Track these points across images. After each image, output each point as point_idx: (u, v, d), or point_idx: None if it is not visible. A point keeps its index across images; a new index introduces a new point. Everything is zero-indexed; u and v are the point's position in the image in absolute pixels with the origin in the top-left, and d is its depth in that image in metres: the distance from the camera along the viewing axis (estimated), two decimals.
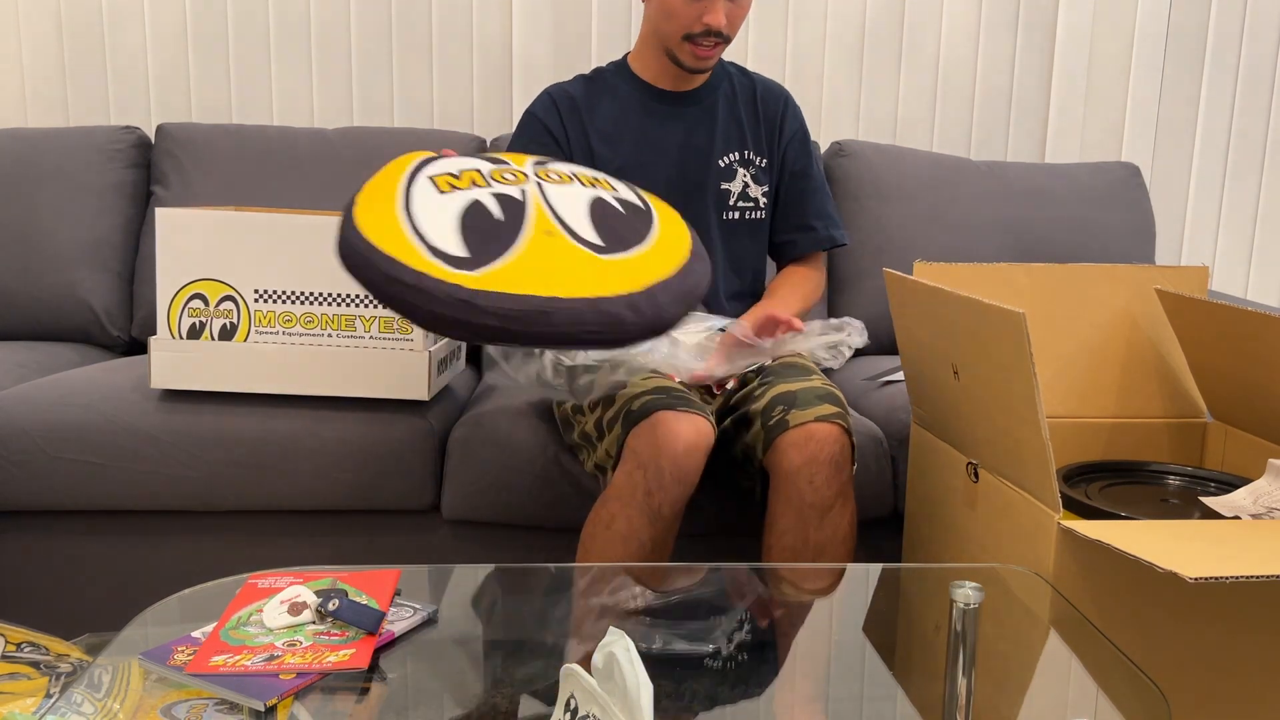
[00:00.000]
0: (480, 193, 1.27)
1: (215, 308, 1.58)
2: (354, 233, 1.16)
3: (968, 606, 1.03)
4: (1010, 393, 1.19)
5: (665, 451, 1.32)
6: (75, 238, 2.12)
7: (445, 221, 1.21)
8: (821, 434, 1.36)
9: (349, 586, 1.02)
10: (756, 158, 1.68)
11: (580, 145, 1.63)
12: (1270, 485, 1.26)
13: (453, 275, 1.11)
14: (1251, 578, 0.90)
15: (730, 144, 1.67)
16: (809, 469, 1.36)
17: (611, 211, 1.31)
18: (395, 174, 1.31)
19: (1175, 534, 1.05)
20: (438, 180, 1.28)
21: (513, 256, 1.20)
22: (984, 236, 2.20)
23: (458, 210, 1.23)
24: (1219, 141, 2.52)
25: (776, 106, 1.70)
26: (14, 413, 1.60)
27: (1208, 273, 1.53)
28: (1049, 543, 1.13)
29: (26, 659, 1.33)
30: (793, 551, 1.37)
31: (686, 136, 1.65)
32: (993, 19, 2.46)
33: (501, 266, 1.17)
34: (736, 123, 1.68)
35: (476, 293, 1.09)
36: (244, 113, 2.41)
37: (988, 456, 1.31)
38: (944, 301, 1.32)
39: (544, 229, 1.26)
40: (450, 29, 2.40)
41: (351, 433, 1.61)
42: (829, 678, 1.00)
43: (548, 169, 1.35)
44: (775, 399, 1.42)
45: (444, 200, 1.24)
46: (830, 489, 1.36)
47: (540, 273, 1.16)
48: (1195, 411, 1.57)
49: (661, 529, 1.34)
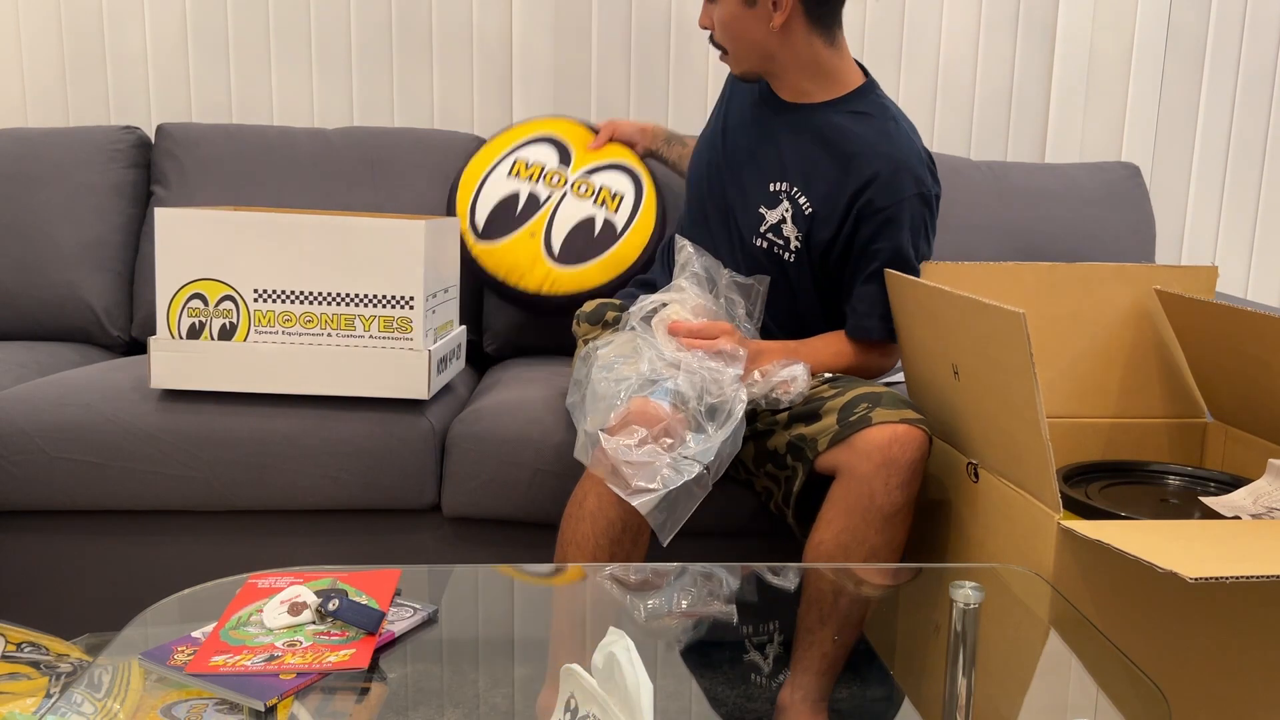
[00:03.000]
0: (523, 185, 2.03)
1: (215, 308, 1.58)
2: None
3: (968, 606, 1.03)
4: (1010, 392, 1.19)
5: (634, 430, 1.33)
6: (75, 238, 2.12)
7: (493, 196, 2.04)
8: (905, 436, 1.34)
9: (349, 586, 1.02)
10: (807, 207, 1.56)
11: (718, 124, 1.70)
12: (1270, 485, 1.26)
13: (467, 236, 2.03)
14: (1251, 578, 0.90)
15: (788, 174, 1.58)
16: (886, 470, 1.33)
17: (587, 230, 1.99)
18: (508, 142, 2.10)
19: (1175, 534, 1.05)
20: (518, 164, 2.05)
21: (502, 242, 2.02)
22: (984, 236, 2.20)
23: (501, 194, 2.03)
24: (1219, 141, 2.52)
25: (860, 175, 1.53)
26: (14, 413, 1.60)
27: (1216, 273, 1.53)
28: (1049, 543, 1.13)
29: (26, 659, 1.33)
30: (844, 551, 1.35)
31: (762, 146, 1.63)
32: (993, 19, 2.46)
33: (490, 246, 2.02)
34: (809, 160, 1.57)
35: (472, 257, 2.02)
36: (244, 113, 2.41)
37: (988, 456, 1.31)
38: (944, 301, 1.31)
39: (531, 230, 2.01)
40: (450, 29, 2.40)
41: (351, 432, 1.61)
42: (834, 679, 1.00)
43: (582, 181, 2.04)
44: (859, 397, 1.40)
45: (506, 183, 2.04)
46: (903, 494, 1.34)
47: (511, 262, 2.01)
48: (1196, 412, 1.57)
49: (631, 509, 1.32)
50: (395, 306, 1.58)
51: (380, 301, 1.58)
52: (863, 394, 1.40)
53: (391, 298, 1.58)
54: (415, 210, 2.18)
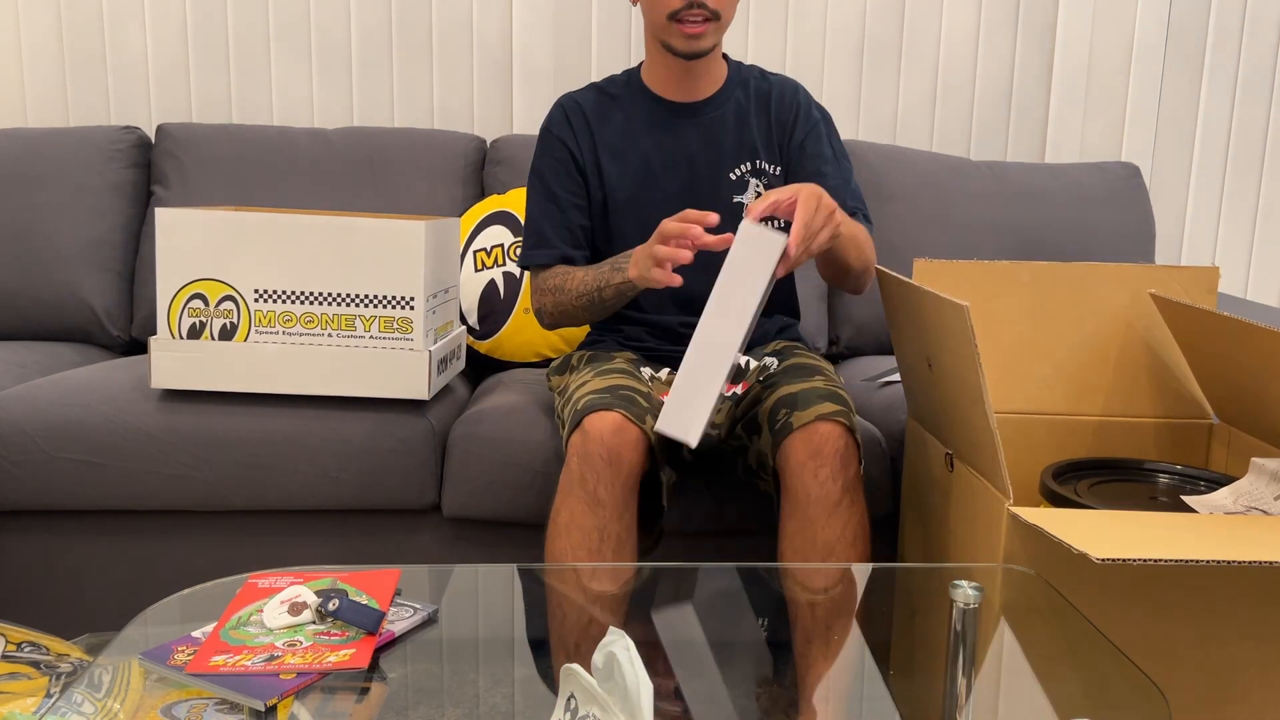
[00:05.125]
0: (493, 272, 2.08)
1: (215, 308, 1.58)
2: None
3: (968, 606, 1.03)
4: (964, 382, 1.21)
5: (593, 436, 1.33)
6: (75, 238, 2.12)
7: (473, 294, 2.08)
8: (824, 431, 1.36)
9: (349, 586, 1.02)
10: (770, 166, 1.62)
11: (590, 160, 1.62)
12: (1251, 484, 1.25)
13: (470, 341, 2.09)
14: (1159, 561, 0.92)
15: (741, 154, 1.61)
16: (813, 464, 1.35)
17: None
18: (460, 237, 2.10)
19: (1121, 523, 1.06)
20: (479, 257, 2.09)
21: (503, 329, 2.08)
22: (984, 236, 2.21)
23: (479, 289, 2.08)
24: (1219, 141, 2.52)
25: (789, 108, 1.63)
26: (14, 413, 1.60)
27: (1218, 273, 1.52)
28: (1000, 529, 1.15)
29: (26, 659, 1.34)
30: (801, 554, 1.37)
31: (695, 149, 1.61)
32: (993, 19, 2.46)
33: (496, 340, 2.09)
34: (748, 131, 1.62)
35: (483, 354, 2.12)
36: (244, 113, 2.41)
37: (958, 445, 1.32)
38: (915, 295, 1.33)
39: (524, 306, 2.06)
40: (450, 29, 2.41)
41: (351, 433, 1.61)
42: (829, 679, 1.00)
43: None
44: (778, 402, 1.42)
45: (477, 277, 2.08)
46: (836, 483, 1.36)
47: (520, 341, 2.08)
48: (1200, 413, 1.57)
49: (605, 516, 1.33)
50: (396, 307, 1.58)
51: (380, 302, 1.58)
52: (781, 397, 1.43)
53: (392, 298, 1.58)
54: (415, 210, 2.18)
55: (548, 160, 1.63)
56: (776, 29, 2.44)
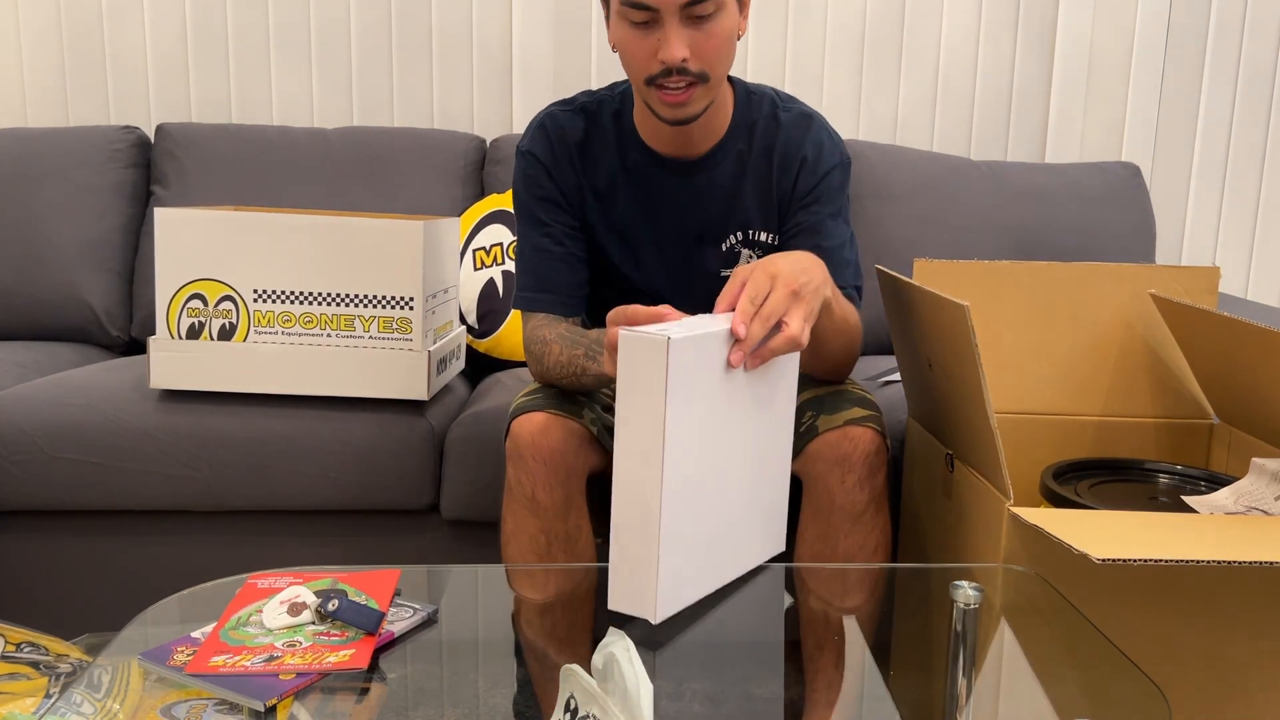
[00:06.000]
0: (492, 270, 2.10)
1: (214, 308, 1.58)
2: None
3: (968, 606, 1.03)
4: (964, 382, 1.21)
5: (521, 439, 1.28)
6: (75, 238, 2.12)
7: (472, 293, 2.10)
8: (854, 436, 1.29)
9: (349, 586, 1.02)
10: (766, 235, 1.42)
11: (575, 195, 1.42)
12: (1252, 485, 1.25)
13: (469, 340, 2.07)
14: (1160, 561, 0.92)
15: (732, 223, 1.41)
16: (839, 470, 1.29)
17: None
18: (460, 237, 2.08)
19: (1121, 523, 1.06)
20: (478, 255, 2.11)
21: (503, 327, 2.09)
22: (984, 236, 2.21)
23: (479, 287, 2.10)
24: (1219, 141, 2.52)
25: (793, 163, 1.39)
26: (14, 413, 1.60)
27: (1218, 273, 1.52)
28: (1001, 529, 1.15)
29: (26, 659, 1.34)
30: (818, 559, 1.32)
31: (683, 213, 1.41)
32: (993, 19, 2.46)
33: (496, 339, 2.09)
34: (742, 196, 1.41)
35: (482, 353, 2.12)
36: (244, 113, 2.41)
37: (958, 446, 1.32)
38: (914, 295, 1.33)
39: None
40: (450, 29, 2.40)
41: (351, 433, 1.61)
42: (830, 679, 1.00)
43: None
44: (804, 405, 1.35)
45: (476, 276, 2.10)
46: (862, 492, 1.29)
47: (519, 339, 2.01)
48: (1201, 413, 1.57)
49: (548, 520, 1.28)
50: (395, 307, 1.58)
51: (380, 302, 1.58)
52: (807, 400, 1.37)
53: (391, 298, 1.58)
54: (415, 210, 2.18)
55: (533, 192, 1.42)
56: (776, 29, 2.44)
